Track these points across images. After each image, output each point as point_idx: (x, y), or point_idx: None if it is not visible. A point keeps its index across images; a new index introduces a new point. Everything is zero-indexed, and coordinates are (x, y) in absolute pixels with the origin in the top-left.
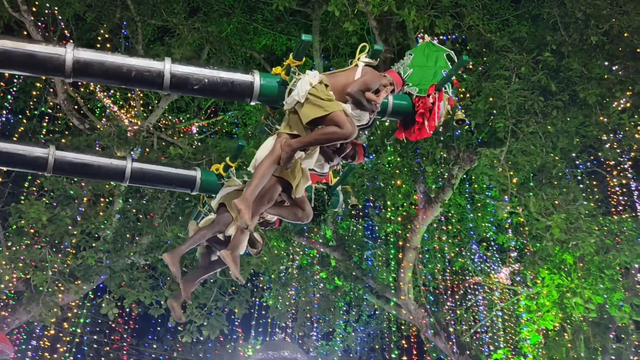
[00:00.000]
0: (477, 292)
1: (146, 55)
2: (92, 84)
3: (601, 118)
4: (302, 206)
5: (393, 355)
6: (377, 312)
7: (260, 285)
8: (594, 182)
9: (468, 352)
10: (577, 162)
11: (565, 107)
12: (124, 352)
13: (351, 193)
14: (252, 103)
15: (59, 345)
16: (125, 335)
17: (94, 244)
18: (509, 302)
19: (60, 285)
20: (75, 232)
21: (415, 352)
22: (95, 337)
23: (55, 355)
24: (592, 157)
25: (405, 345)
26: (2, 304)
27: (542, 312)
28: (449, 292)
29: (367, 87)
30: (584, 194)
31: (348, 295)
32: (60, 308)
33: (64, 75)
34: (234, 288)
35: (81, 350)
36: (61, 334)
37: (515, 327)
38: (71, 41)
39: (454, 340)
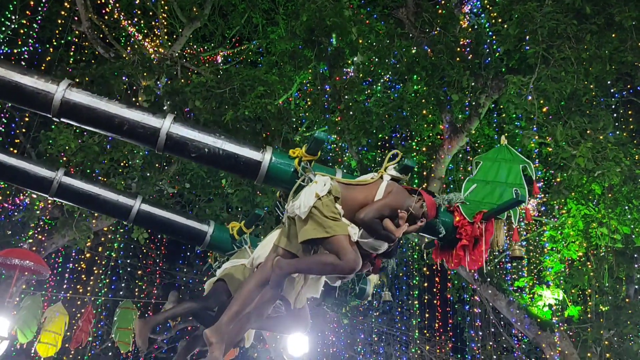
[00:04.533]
0: None
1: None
2: (116, 12)
3: (638, 44)
4: (298, 316)
5: (415, 282)
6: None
7: None
8: (629, 112)
9: (489, 280)
10: (612, 90)
11: (600, 32)
12: (157, 276)
13: (385, 285)
14: (257, 184)
15: (94, 268)
16: (157, 260)
17: (122, 171)
18: (535, 232)
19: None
20: (105, 160)
21: (437, 280)
22: (129, 261)
23: (92, 277)
24: (628, 86)
25: (428, 273)
26: (39, 229)
27: (567, 242)
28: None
29: (386, 212)
30: (616, 123)
31: None
32: (95, 233)
33: (51, 114)
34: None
35: (116, 273)
36: (97, 258)
37: (539, 257)
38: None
39: (475, 268)
